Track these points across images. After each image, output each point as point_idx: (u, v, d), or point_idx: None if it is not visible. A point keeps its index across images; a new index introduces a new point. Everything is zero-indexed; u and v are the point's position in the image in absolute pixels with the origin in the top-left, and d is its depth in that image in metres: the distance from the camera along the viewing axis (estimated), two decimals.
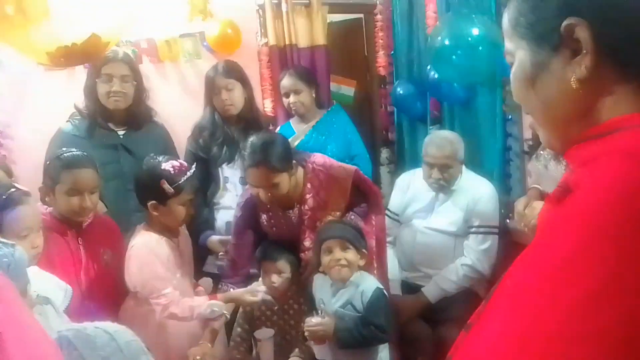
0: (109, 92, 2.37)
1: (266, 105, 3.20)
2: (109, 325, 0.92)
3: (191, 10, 3.00)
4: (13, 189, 1.59)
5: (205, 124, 2.59)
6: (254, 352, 2.26)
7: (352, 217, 2.17)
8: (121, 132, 2.46)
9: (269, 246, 2.24)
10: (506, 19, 0.71)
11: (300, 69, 2.91)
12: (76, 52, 1.60)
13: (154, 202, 2.00)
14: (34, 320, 0.57)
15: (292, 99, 2.78)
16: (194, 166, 2.08)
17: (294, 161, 2.10)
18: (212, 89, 2.56)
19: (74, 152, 1.96)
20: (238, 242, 2.25)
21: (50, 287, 1.53)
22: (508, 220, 2.56)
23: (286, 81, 2.79)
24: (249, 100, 2.62)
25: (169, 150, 2.59)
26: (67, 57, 1.62)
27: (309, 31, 3.21)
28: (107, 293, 2.00)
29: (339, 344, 1.89)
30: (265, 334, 2.10)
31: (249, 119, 2.62)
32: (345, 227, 2.02)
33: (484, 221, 2.42)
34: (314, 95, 2.83)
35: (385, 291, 1.98)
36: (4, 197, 1.54)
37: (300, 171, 2.14)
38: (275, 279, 2.15)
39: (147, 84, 2.76)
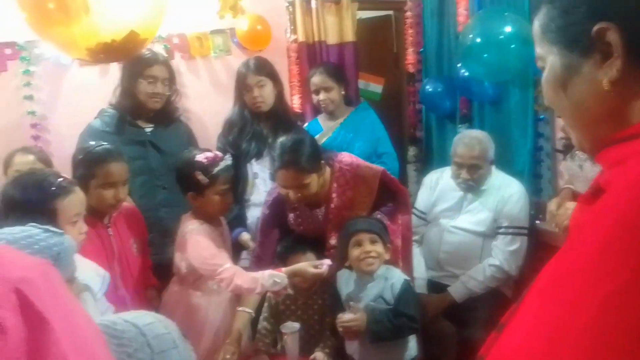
0: (152, 93, 2.43)
1: (294, 102, 3.22)
2: (141, 318, 0.92)
3: (222, 6, 3.03)
4: (61, 178, 1.63)
5: (235, 119, 2.62)
6: (278, 345, 2.28)
7: (379, 216, 2.17)
8: (148, 129, 2.51)
9: (294, 241, 2.26)
10: (537, 25, 0.72)
11: (330, 66, 2.92)
12: (115, 48, 1.65)
13: (192, 193, 2.06)
14: (80, 308, 0.59)
15: (321, 96, 2.79)
16: (228, 156, 2.12)
17: (322, 161, 2.11)
18: (243, 86, 2.58)
19: (105, 146, 2.00)
20: (264, 240, 2.27)
21: (89, 274, 1.57)
22: (538, 222, 2.53)
23: (316, 78, 2.80)
24: (279, 96, 2.64)
25: (193, 147, 2.65)
26: (107, 53, 1.66)
27: (338, 28, 3.22)
28: (137, 281, 2.06)
29: (372, 337, 1.90)
30: (291, 328, 2.12)
31: (279, 115, 2.64)
32: (372, 221, 2.04)
33: (513, 222, 2.39)
34: (342, 92, 2.84)
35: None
36: (56, 185, 1.59)
37: (327, 170, 2.14)
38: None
39: (179, 80, 2.81)
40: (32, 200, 1.51)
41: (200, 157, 2.03)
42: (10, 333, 0.44)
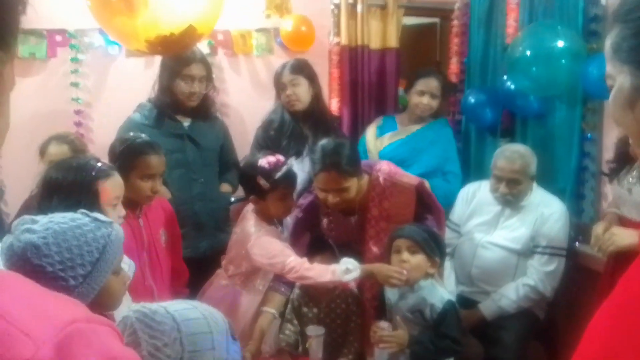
0: (189, 93, 2.46)
1: (332, 105, 3.21)
2: (185, 312, 0.92)
3: (268, 5, 3.05)
4: (100, 162, 1.66)
5: (274, 117, 2.67)
6: (299, 348, 2.27)
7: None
8: (186, 123, 2.54)
9: (318, 241, 2.25)
10: (608, 44, 0.71)
11: (445, 76, 2.92)
12: (173, 41, 1.68)
13: (254, 196, 2.10)
14: None
15: (426, 99, 2.75)
16: (291, 160, 2.14)
17: (363, 173, 2.09)
18: (278, 85, 2.64)
19: (145, 139, 2.03)
20: (294, 242, 2.25)
21: None
22: (577, 243, 2.44)
23: (432, 82, 2.76)
24: (316, 97, 2.66)
25: (228, 142, 2.69)
26: (165, 45, 1.69)
27: (382, 33, 3.20)
28: (166, 271, 2.07)
29: (413, 358, 1.85)
30: (316, 331, 2.11)
31: (317, 116, 2.65)
32: (418, 230, 1.96)
33: (552, 242, 2.32)
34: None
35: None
36: (97, 168, 1.62)
37: (365, 178, 2.12)
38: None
39: (221, 76, 2.84)
40: (76, 181, 1.55)
41: (263, 162, 2.05)
42: None
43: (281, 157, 2.10)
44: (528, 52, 2.40)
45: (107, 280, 1.09)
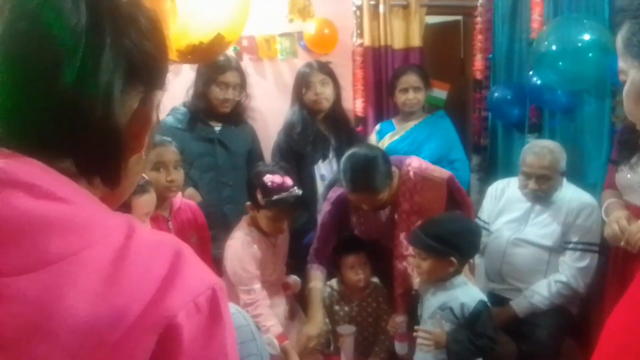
0: (223, 99, 2.51)
1: (357, 105, 3.23)
2: None
3: (291, 10, 3.09)
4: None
5: (295, 121, 2.66)
6: (331, 346, 2.30)
7: None
8: (217, 128, 2.59)
9: (349, 240, 2.27)
10: (619, 39, 0.72)
11: (421, 68, 2.93)
12: (202, 50, 1.73)
13: (250, 203, 2.12)
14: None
15: (410, 95, 2.79)
16: (296, 190, 2.05)
17: (392, 170, 2.08)
18: (304, 84, 2.64)
19: (158, 136, 2.09)
20: (323, 235, 2.29)
21: None
22: None
23: (409, 77, 2.80)
24: (338, 99, 2.70)
25: (256, 147, 2.73)
26: (194, 54, 1.74)
27: (404, 32, 3.20)
28: None
29: (452, 357, 1.85)
30: (347, 329, 2.14)
31: (337, 117, 2.69)
32: (422, 237, 1.91)
33: (584, 237, 2.28)
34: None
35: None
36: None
37: (395, 173, 2.13)
38: (354, 273, 2.20)
39: (246, 80, 2.88)
40: None
41: (268, 179, 2.02)
42: (185, 333, 0.48)
43: (289, 182, 2.04)
44: (554, 47, 2.38)
45: None
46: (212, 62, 2.46)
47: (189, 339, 0.48)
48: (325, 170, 2.63)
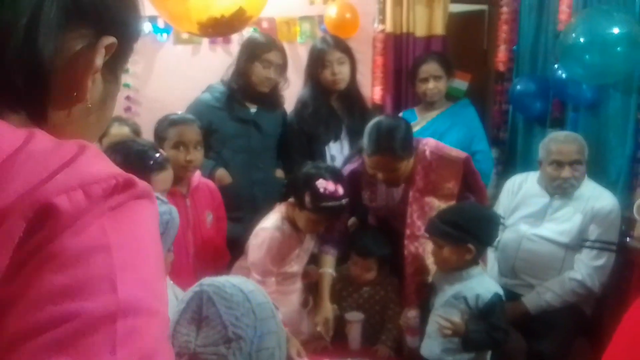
0: (265, 77, 2.46)
1: (375, 93, 3.19)
2: (244, 284, 0.95)
3: None
4: (158, 154, 1.70)
5: (307, 99, 2.58)
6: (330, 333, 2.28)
7: None
8: (253, 109, 2.55)
9: (362, 240, 2.23)
10: None
11: (442, 56, 2.87)
12: (223, 23, 1.72)
13: (292, 200, 2.09)
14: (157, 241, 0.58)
15: (431, 84, 2.74)
16: (345, 202, 2.04)
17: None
18: (320, 62, 2.52)
19: (179, 114, 2.11)
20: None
21: None
22: (628, 239, 2.34)
23: (429, 66, 2.75)
24: (353, 76, 2.59)
25: (286, 133, 2.66)
26: (215, 27, 1.73)
27: (427, 20, 3.15)
28: (209, 251, 2.13)
29: (468, 345, 1.85)
30: (355, 316, 2.14)
31: (352, 96, 2.61)
32: (438, 223, 1.90)
33: (602, 236, 2.24)
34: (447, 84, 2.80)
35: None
36: (154, 159, 1.65)
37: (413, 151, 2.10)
38: (362, 274, 2.20)
39: None
40: (133, 168, 1.56)
41: (321, 185, 1.99)
42: (65, 215, 0.42)
43: (341, 191, 2.02)
44: (582, 39, 2.31)
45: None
46: (257, 40, 2.46)
47: (69, 226, 0.42)
48: (335, 150, 2.58)
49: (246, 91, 2.51)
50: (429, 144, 2.12)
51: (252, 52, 2.45)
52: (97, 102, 0.55)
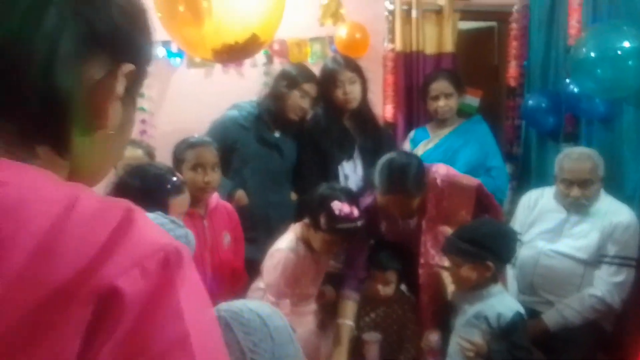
0: (299, 107, 2.49)
1: (387, 111, 3.20)
2: (261, 308, 0.95)
3: (323, 14, 3.10)
4: (175, 178, 1.72)
5: (320, 119, 2.58)
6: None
7: None
8: (277, 133, 2.56)
9: (380, 254, 2.23)
10: None
11: (451, 73, 2.88)
12: (237, 49, 1.75)
13: (307, 221, 2.08)
14: (207, 296, 0.59)
15: (441, 102, 2.75)
16: (361, 223, 2.03)
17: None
18: (332, 82, 2.52)
19: (197, 136, 2.14)
20: (355, 245, 2.23)
21: None
22: None
23: (439, 84, 2.76)
24: (364, 95, 2.59)
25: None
26: (229, 53, 1.77)
27: (437, 38, 3.18)
28: (227, 273, 2.13)
29: None
30: (373, 337, 2.12)
31: (364, 115, 2.61)
32: (456, 241, 1.89)
33: (621, 251, 2.20)
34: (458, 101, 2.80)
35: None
36: (172, 182, 1.67)
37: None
38: (381, 288, 2.17)
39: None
40: (151, 191, 1.59)
41: (336, 206, 1.98)
42: (128, 299, 0.43)
43: (356, 212, 2.00)
44: (593, 54, 2.31)
45: None
46: (299, 69, 2.51)
47: (133, 307, 0.43)
48: (349, 169, 2.59)
49: (276, 116, 2.52)
50: (439, 171, 2.09)
51: (294, 80, 2.48)
52: (117, 128, 0.56)
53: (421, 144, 2.83)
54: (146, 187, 1.59)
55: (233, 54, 1.80)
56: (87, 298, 0.42)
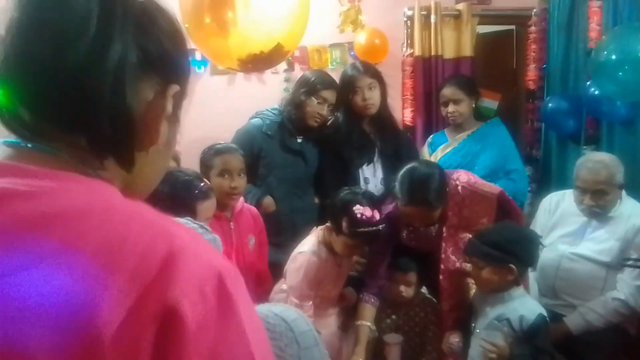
0: (318, 113, 2.53)
1: (406, 115, 3.23)
2: (286, 312, 0.96)
3: (343, 21, 3.14)
4: (203, 184, 1.77)
5: (340, 124, 2.62)
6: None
7: None
8: (299, 139, 2.61)
9: (400, 257, 2.25)
10: None
11: (462, 79, 2.89)
12: (262, 59, 1.80)
13: (329, 226, 2.13)
14: (255, 309, 0.62)
15: (450, 108, 2.77)
16: (382, 227, 2.05)
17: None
18: (351, 88, 2.56)
19: (223, 143, 2.19)
20: (376, 251, 2.25)
21: None
22: None
23: (446, 90, 2.79)
24: (384, 100, 2.63)
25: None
26: (254, 63, 1.81)
27: (456, 42, 3.19)
28: (253, 275, 2.18)
29: None
30: (394, 338, 2.14)
31: (384, 119, 2.64)
32: (478, 244, 1.90)
33: None
34: (473, 105, 2.81)
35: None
36: (200, 188, 1.72)
37: None
38: (404, 289, 2.19)
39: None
40: (180, 197, 1.64)
41: (358, 210, 2.00)
42: (189, 322, 0.46)
43: (377, 216, 2.01)
44: (614, 56, 2.31)
45: None
46: (318, 76, 2.54)
47: (193, 330, 0.46)
48: (369, 173, 2.61)
49: (297, 122, 2.57)
50: (460, 178, 2.08)
51: (313, 87, 2.51)
52: (165, 144, 0.62)
53: (440, 148, 2.86)
54: (175, 193, 1.64)
55: (258, 63, 1.85)
56: (152, 317, 0.45)
